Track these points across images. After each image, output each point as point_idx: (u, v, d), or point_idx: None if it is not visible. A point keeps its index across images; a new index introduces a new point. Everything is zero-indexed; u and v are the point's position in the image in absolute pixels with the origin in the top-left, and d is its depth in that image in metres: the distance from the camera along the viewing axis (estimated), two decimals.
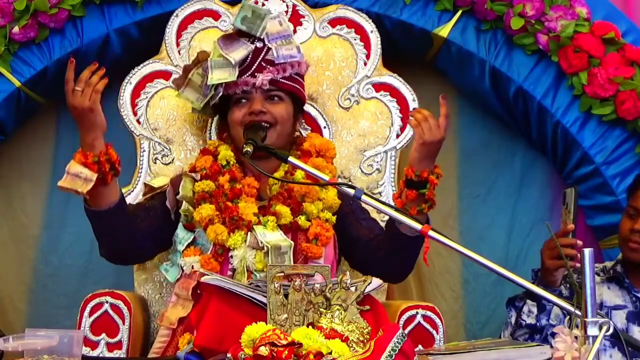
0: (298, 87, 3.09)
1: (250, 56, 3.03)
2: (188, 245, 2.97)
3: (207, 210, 2.94)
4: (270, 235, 2.93)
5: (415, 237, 2.76)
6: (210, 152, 3.09)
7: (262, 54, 3.04)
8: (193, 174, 3.04)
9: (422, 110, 2.82)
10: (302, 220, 2.98)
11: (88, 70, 2.73)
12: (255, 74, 3.01)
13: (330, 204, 3.02)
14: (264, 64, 3.03)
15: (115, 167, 2.78)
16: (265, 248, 2.89)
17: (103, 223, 2.87)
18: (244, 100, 3.03)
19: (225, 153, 3.05)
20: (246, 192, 2.99)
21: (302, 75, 3.12)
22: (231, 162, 3.05)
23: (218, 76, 3.00)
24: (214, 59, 3.03)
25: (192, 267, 2.91)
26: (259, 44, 3.05)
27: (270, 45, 3.04)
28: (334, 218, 3.02)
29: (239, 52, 3.02)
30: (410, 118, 2.82)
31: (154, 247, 3.05)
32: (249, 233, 2.93)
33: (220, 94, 3.03)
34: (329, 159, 3.10)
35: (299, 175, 3.00)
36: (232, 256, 2.92)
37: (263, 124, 2.99)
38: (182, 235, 2.99)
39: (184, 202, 3.00)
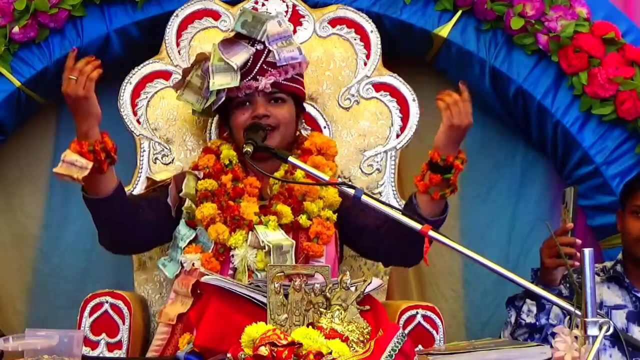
0: (299, 87, 3.09)
1: (251, 59, 3.02)
2: (189, 243, 2.97)
3: (208, 209, 2.94)
4: (272, 234, 2.93)
5: (434, 221, 2.74)
6: (213, 151, 3.09)
7: (263, 57, 3.02)
8: (196, 172, 3.04)
9: (452, 93, 2.79)
10: (303, 219, 2.98)
11: (84, 60, 2.73)
12: (257, 77, 3.00)
13: (331, 202, 3.02)
14: (265, 67, 3.01)
15: (111, 155, 2.77)
16: (267, 247, 2.89)
17: (101, 211, 2.87)
18: (246, 104, 3.03)
19: (228, 152, 3.05)
20: (248, 191, 2.99)
21: (302, 74, 3.12)
22: (234, 162, 3.05)
23: (220, 81, 2.99)
24: (214, 63, 3.00)
25: (193, 264, 2.91)
26: (259, 47, 3.03)
27: (271, 48, 3.03)
28: (334, 216, 3.01)
29: (240, 55, 3.01)
30: (439, 101, 2.78)
31: (154, 239, 3.05)
32: (250, 232, 2.94)
33: (223, 99, 3.01)
34: (330, 157, 3.10)
35: (299, 174, 3.00)
36: (233, 255, 2.92)
37: (266, 127, 2.98)
38: (184, 232, 2.99)
39: (187, 200, 3.00)
